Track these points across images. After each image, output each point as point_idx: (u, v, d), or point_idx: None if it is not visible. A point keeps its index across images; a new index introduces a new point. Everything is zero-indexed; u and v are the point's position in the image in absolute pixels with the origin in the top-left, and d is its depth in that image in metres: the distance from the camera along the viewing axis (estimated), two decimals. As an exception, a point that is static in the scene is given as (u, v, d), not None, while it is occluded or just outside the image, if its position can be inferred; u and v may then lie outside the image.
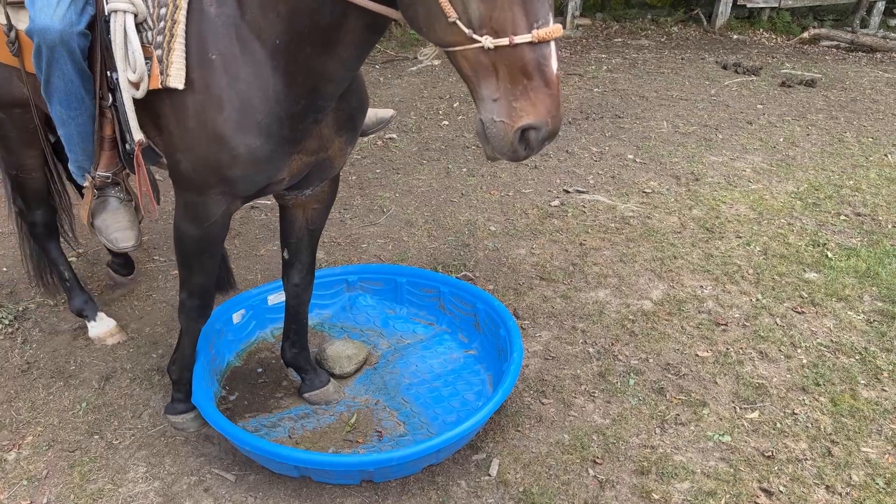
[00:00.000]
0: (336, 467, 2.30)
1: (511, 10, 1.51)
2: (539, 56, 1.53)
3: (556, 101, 1.57)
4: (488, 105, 1.59)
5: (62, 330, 3.21)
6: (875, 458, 2.53)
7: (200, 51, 1.91)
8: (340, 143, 2.22)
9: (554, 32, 1.53)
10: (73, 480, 2.42)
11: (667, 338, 3.19)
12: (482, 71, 1.58)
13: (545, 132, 1.57)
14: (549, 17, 1.54)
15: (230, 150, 1.98)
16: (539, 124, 1.56)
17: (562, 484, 2.42)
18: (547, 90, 1.55)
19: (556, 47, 1.56)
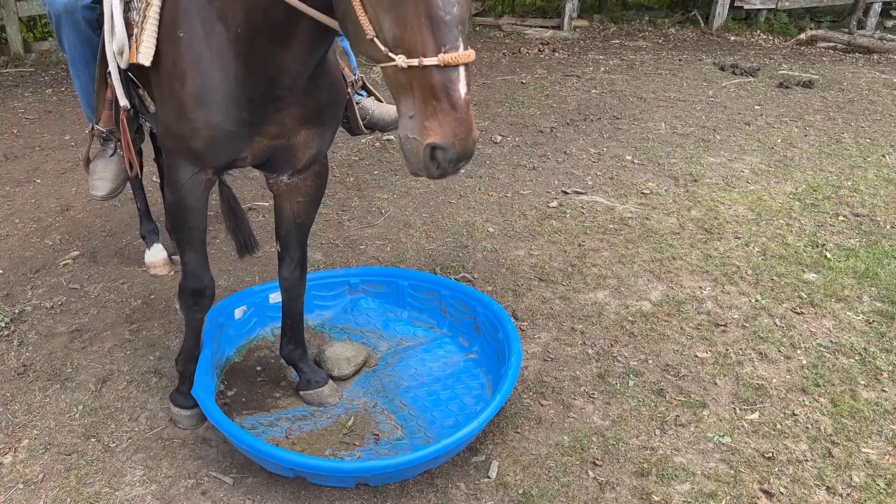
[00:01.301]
0: (333, 473, 2.29)
1: (420, 32, 1.57)
2: (446, 79, 1.58)
3: (465, 124, 1.60)
4: (405, 121, 1.66)
5: (59, 332, 3.19)
6: (876, 459, 2.52)
7: (171, 28, 2.08)
8: (306, 135, 2.28)
9: (462, 58, 1.58)
10: (70, 484, 2.40)
11: (666, 339, 3.18)
12: (400, 88, 1.65)
13: (452, 154, 1.62)
14: (459, 43, 1.58)
15: (190, 122, 2.12)
16: (445, 145, 1.61)
17: (561, 486, 2.41)
18: (454, 113, 1.59)
19: (466, 72, 1.60)
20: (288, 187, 2.48)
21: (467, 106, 1.61)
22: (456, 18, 1.58)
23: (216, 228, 4.11)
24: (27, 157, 5.12)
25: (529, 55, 8.46)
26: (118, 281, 3.59)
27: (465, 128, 1.61)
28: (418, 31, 1.57)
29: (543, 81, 7.27)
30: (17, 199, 4.48)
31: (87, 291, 3.50)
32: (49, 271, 3.67)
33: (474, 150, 1.67)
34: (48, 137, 5.50)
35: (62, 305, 3.37)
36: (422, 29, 1.57)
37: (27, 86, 6.81)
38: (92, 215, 4.27)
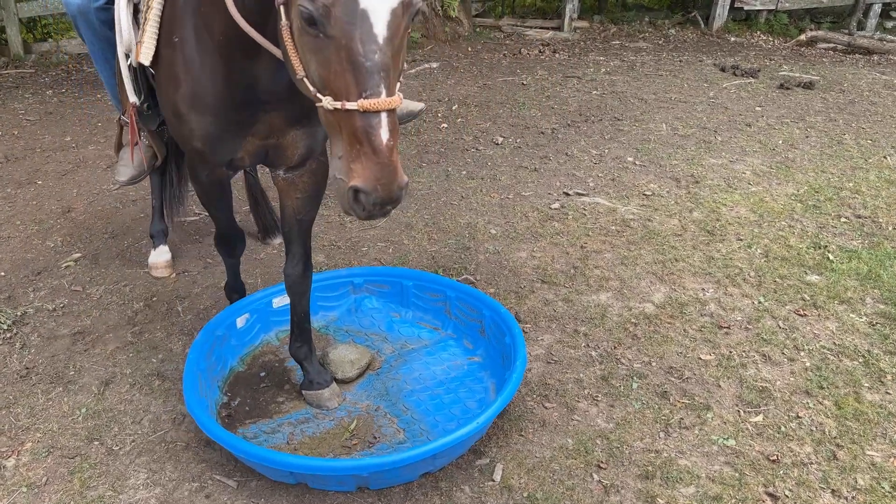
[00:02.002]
0: (325, 472, 2.28)
1: (343, 77, 1.61)
2: (367, 125, 1.61)
3: (387, 169, 1.63)
4: (335, 161, 1.70)
5: (61, 335, 3.19)
6: (880, 462, 2.52)
7: (169, 32, 2.19)
8: (295, 135, 2.35)
9: (381, 105, 1.60)
10: (73, 487, 2.40)
11: (669, 341, 3.17)
12: (330, 128, 1.70)
13: (375, 198, 1.64)
14: (381, 89, 1.60)
15: (186, 123, 2.26)
16: (367, 189, 1.63)
17: (566, 489, 2.41)
18: (374, 158, 1.62)
19: (390, 119, 1.62)
20: (286, 183, 2.54)
21: (390, 151, 1.63)
22: (377, 65, 1.59)
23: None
24: (28, 159, 5.12)
25: (530, 56, 8.46)
26: (120, 283, 3.59)
27: (387, 173, 1.63)
28: (341, 75, 1.61)
29: (544, 82, 7.26)
30: (18, 201, 4.47)
31: (89, 294, 3.49)
32: (51, 273, 3.66)
33: (401, 195, 1.68)
34: (49, 139, 5.50)
35: (64, 308, 3.37)
36: (344, 74, 1.60)
37: (27, 87, 6.80)
38: (93, 217, 4.27)
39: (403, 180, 1.68)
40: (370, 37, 1.58)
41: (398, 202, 1.69)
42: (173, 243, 3.97)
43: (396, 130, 1.66)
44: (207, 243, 3.98)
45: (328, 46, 1.60)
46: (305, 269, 2.66)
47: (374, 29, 1.58)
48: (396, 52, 1.65)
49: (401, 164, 1.69)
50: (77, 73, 7.35)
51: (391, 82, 1.63)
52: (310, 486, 2.38)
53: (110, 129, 5.74)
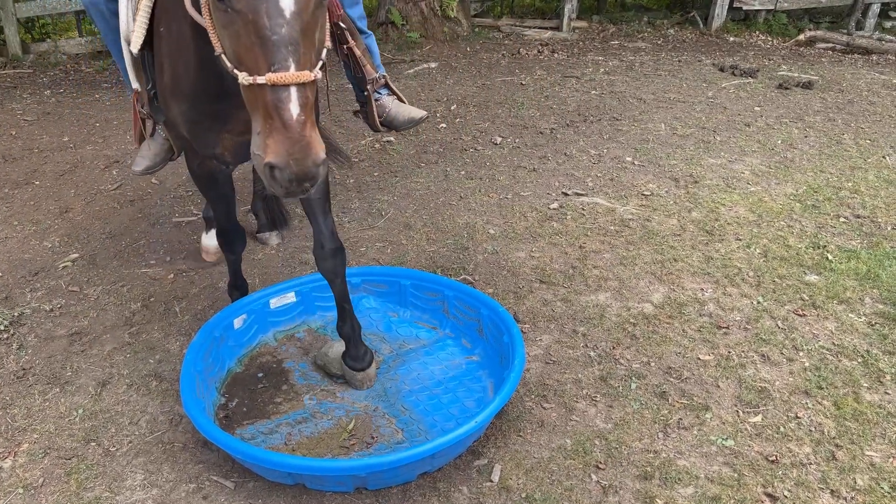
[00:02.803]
0: (323, 472, 2.27)
1: (253, 51, 1.63)
2: (276, 98, 1.61)
3: (299, 144, 1.62)
4: (255, 137, 1.71)
5: (58, 335, 3.18)
6: (880, 462, 2.52)
7: (157, 24, 2.28)
8: None
9: (289, 78, 1.60)
10: (70, 488, 2.39)
11: (668, 341, 3.17)
12: (250, 104, 1.70)
13: (288, 173, 1.64)
14: (289, 63, 1.61)
15: (171, 110, 2.38)
16: (279, 164, 1.63)
17: (564, 490, 2.40)
18: (285, 132, 1.62)
19: (301, 93, 1.63)
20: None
21: (301, 126, 1.63)
22: (284, 38, 1.60)
23: (216, 230, 4.10)
24: (26, 159, 5.11)
25: (529, 56, 8.45)
26: (118, 283, 3.58)
27: (299, 148, 1.62)
28: (250, 49, 1.63)
29: (543, 82, 7.26)
30: (15, 202, 4.46)
31: (86, 294, 3.49)
32: (48, 274, 3.65)
33: (318, 172, 1.68)
34: (47, 139, 5.49)
35: (61, 308, 3.36)
36: (253, 48, 1.62)
37: (25, 87, 6.79)
38: (91, 217, 4.26)
39: (319, 156, 1.67)
40: (276, 10, 1.59)
41: (315, 179, 1.68)
42: (171, 243, 3.97)
43: (309, 105, 1.66)
44: (205, 243, 3.97)
45: (237, 21, 1.62)
46: (332, 247, 2.64)
47: (280, 2, 1.60)
48: (307, 26, 1.66)
49: (318, 139, 1.68)
50: (75, 73, 7.34)
51: (301, 57, 1.64)
52: (308, 487, 2.37)
53: (108, 129, 5.73)
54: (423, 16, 8.84)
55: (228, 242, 2.97)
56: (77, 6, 7.78)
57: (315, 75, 1.69)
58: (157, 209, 4.37)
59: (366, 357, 2.80)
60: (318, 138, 1.69)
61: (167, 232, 4.10)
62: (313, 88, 1.71)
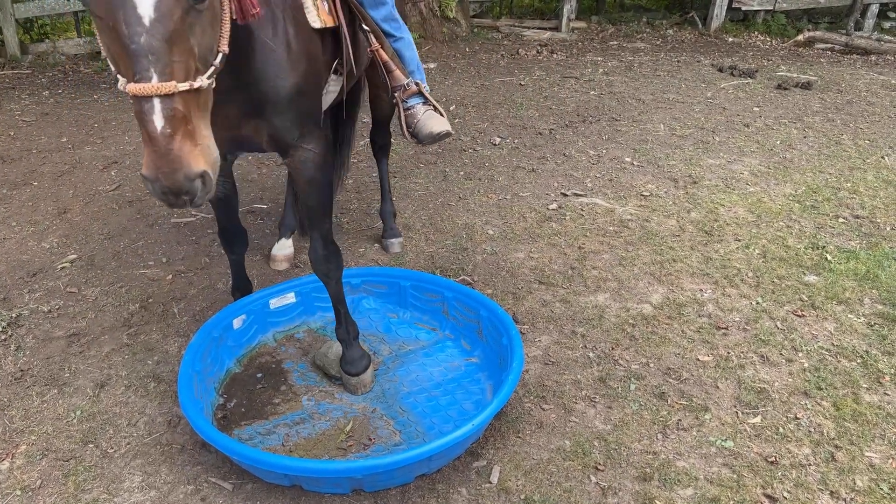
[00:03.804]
0: (320, 474, 2.26)
1: (120, 59, 1.59)
2: (140, 110, 1.58)
3: (165, 158, 1.57)
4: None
5: (56, 337, 3.17)
6: (879, 463, 2.51)
7: None
8: (255, 125, 2.36)
9: (149, 90, 1.55)
10: (68, 490, 2.38)
11: (667, 342, 3.16)
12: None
13: (158, 187, 1.61)
14: (149, 74, 1.55)
15: None
16: (148, 177, 1.61)
17: (563, 491, 2.39)
18: (151, 145, 1.58)
19: (163, 105, 1.57)
20: (288, 170, 2.62)
21: (166, 140, 1.57)
22: (142, 48, 1.54)
23: (215, 231, 4.09)
24: (24, 160, 5.10)
25: (528, 57, 8.45)
26: (116, 285, 3.57)
27: (165, 162, 1.58)
28: (118, 57, 1.59)
29: (542, 83, 7.26)
30: (13, 202, 4.45)
31: (84, 295, 3.48)
32: (46, 275, 3.65)
33: (193, 187, 1.63)
34: (45, 140, 5.48)
35: (59, 309, 3.35)
36: (119, 55, 1.58)
37: (24, 88, 6.78)
38: (90, 218, 4.25)
39: (192, 170, 1.61)
40: (133, 17, 1.53)
41: (192, 193, 1.63)
42: (169, 244, 3.96)
43: (177, 119, 1.59)
44: (204, 244, 3.97)
45: (104, 31, 1.58)
46: (325, 253, 2.64)
47: (138, 10, 1.53)
48: (174, 34, 1.58)
49: (194, 151, 1.62)
50: (74, 73, 7.33)
51: (165, 67, 1.57)
52: (305, 489, 2.36)
53: (107, 129, 5.72)
54: (422, 16, 8.84)
55: (227, 242, 2.96)
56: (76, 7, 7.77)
57: (187, 86, 1.60)
58: (156, 210, 4.36)
59: (361, 362, 2.78)
60: (191, 151, 1.62)
61: (166, 233, 4.09)
62: (187, 99, 1.62)
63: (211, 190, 1.69)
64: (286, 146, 2.46)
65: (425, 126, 2.97)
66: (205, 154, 1.66)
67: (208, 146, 1.70)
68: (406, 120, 3.02)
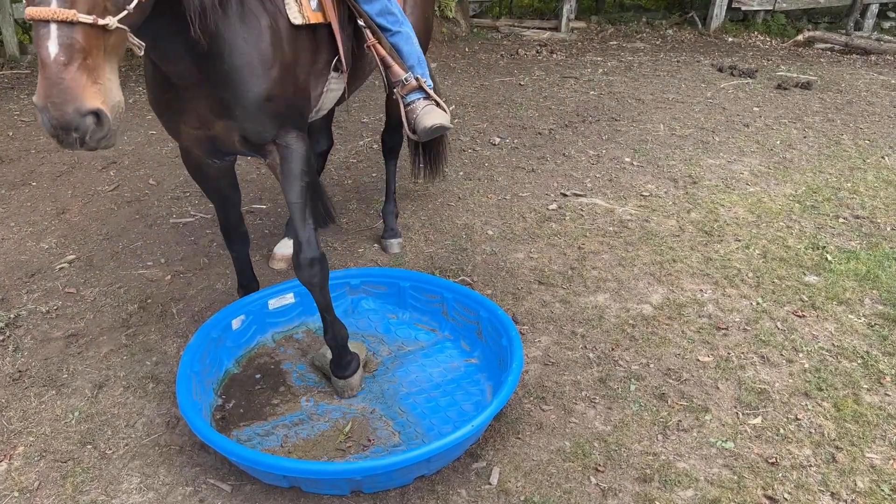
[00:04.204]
0: (318, 475, 2.25)
1: None
2: (36, 35, 1.53)
3: (56, 87, 1.50)
4: None
5: (54, 337, 3.16)
6: (880, 464, 2.50)
7: None
8: (224, 126, 2.34)
9: (42, 13, 1.50)
10: (66, 492, 2.37)
11: (667, 342, 3.16)
12: None
13: (47, 118, 1.53)
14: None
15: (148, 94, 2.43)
16: (38, 105, 1.55)
17: (563, 492, 2.38)
18: (43, 72, 1.51)
19: (60, 31, 1.50)
20: (270, 169, 2.60)
21: (60, 68, 1.50)
22: None
23: (213, 232, 4.08)
24: (22, 160, 5.09)
25: (527, 57, 8.45)
26: (115, 285, 3.56)
27: (58, 91, 1.50)
28: None
29: (541, 83, 7.25)
30: (12, 203, 4.44)
31: (83, 296, 3.47)
32: (45, 275, 3.64)
33: (83, 123, 1.55)
34: (43, 140, 5.47)
35: (58, 310, 3.34)
36: None
37: (23, 88, 6.77)
38: (88, 219, 4.24)
39: (84, 105, 1.53)
40: None
41: (82, 130, 1.56)
42: (168, 245, 3.95)
43: (74, 49, 1.52)
44: (203, 245, 3.96)
45: None
46: (307, 258, 2.50)
47: None
48: None
49: (90, 87, 1.55)
50: (73, 73, 7.32)
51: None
52: (303, 490, 2.35)
53: (106, 130, 5.71)
54: (421, 16, 8.81)
55: (228, 239, 2.97)
56: (74, 7, 7.75)
57: (90, 19, 1.53)
58: (155, 210, 4.35)
59: (350, 366, 2.75)
60: (86, 85, 1.54)
61: (164, 233, 4.08)
62: (89, 34, 1.54)
63: (108, 134, 1.61)
64: (259, 149, 2.42)
65: (422, 120, 2.89)
66: (103, 93, 1.58)
67: (110, 88, 1.62)
68: (406, 116, 2.94)
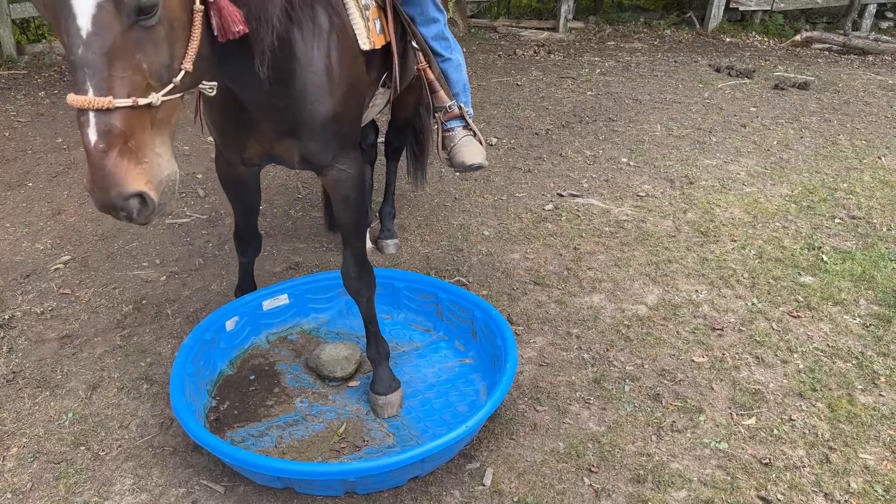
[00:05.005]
0: (309, 476, 2.25)
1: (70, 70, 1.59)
2: (78, 122, 1.56)
3: (99, 173, 1.54)
4: None
5: (49, 338, 3.16)
6: (873, 465, 2.50)
7: None
8: (288, 145, 2.38)
9: (81, 102, 1.51)
10: (59, 493, 2.37)
11: (662, 343, 3.15)
12: None
13: (94, 200, 1.58)
14: (86, 86, 1.52)
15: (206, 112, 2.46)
16: (87, 189, 1.59)
17: (557, 493, 2.38)
18: (88, 158, 1.55)
19: (99, 119, 1.53)
20: (324, 185, 2.66)
21: (101, 155, 1.53)
22: (80, 60, 1.51)
23: (209, 232, 4.08)
24: (19, 161, 5.08)
25: (525, 57, 8.44)
26: (109, 286, 3.56)
27: (101, 177, 1.54)
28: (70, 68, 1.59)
29: (539, 83, 7.24)
30: (8, 203, 4.44)
31: (77, 297, 3.46)
32: (40, 276, 3.63)
33: (128, 205, 1.58)
34: (40, 140, 5.46)
35: (52, 311, 3.34)
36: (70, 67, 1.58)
37: (20, 88, 6.76)
38: (84, 219, 4.24)
39: (126, 189, 1.56)
40: (73, 29, 1.51)
41: (128, 211, 1.59)
42: (163, 245, 3.95)
43: (112, 134, 1.54)
44: (198, 246, 3.95)
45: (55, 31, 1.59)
46: (358, 271, 2.64)
47: (77, 21, 1.50)
48: (115, 48, 1.53)
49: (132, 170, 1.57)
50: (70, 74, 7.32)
51: (101, 82, 1.52)
52: (297, 491, 2.35)
53: (102, 130, 5.70)
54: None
55: (241, 245, 2.94)
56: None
57: (129, 102, 1.55)
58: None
59: (391, 383, 2.72)
60: (127, 169, 1.56)
61: (160, 234, 4.08)
62: (130, 116, 1.56)
63: (153, 210, 1.63)
64: (319, 168, 2.46)
65: (460, 153, 2.95)
66: (147, 173, 1.60)
67: (158, 164, 1.64)
68: (443, 141, 3.00)
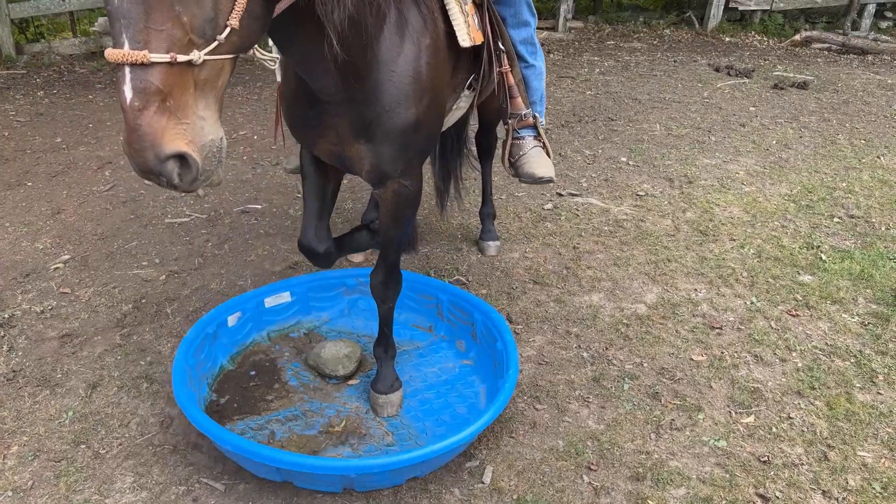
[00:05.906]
0: (311, 469, 2.25)
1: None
2: (115, 78, 1.46)
3: (134, 133, 1.41)
4: None
5: (49, 337, 3.16)
6: (871, 463, 2.51)
7: None
8: (359, 149, 2.25)
9: (116, 56, 1.39)
10: (59, 491, 2.38)
11: (661, 342, 3.16)
12: None
13: (132, 163, 1.46)
14: (122, 39, 1.40)
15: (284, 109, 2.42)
16: (124, 150, 1.46)
17: (556, 491, 2.39)
18: (124, 117, 1.43)
19: (134, 74, 1.40)
20: (377, 197, 2.52)
21: (135, 114, 1.40)
22: (116, 10, 1.40)
23: (209, 232, 4.08)
24: (18, 160, 5.09)
25: (524, 57, 8.44)
26: (109, 285, 3.56)
27: (136, 138, 1.41)
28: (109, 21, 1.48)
29: (538, 83, 7.25)
30: (7, 203, 4.44)
31: (77, 296, 3.47)
32: (39, 275, 3.64)
33: (164, 169, 1.45)
34: (39, 140, 5.47)
35: (52, 310, 3.34)
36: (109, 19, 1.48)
37: (19, 88, 6.76)
38: (83, 219, 4.24)
39: (164, 150, 1.43)
40: None
41: (165, 174, 1.46)
42: (163, 245, 3.95)
43: (149, 92, 1.40)
44: (198, 245, 3.96)
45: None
46: (386, 280, 2.62)
47: None
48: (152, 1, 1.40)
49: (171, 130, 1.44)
50: (69, 73, 7.31)
51: (137, 34, 1.40)
52: (296, 485, 2.36)
53: (101, 130, 5.71)
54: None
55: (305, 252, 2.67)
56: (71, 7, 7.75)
57: (167, 58, 1.41)
58: (150, 210, 4.36)
59: (394, 384, 2.72)
60: (166, 129, 1.43)
61: (159, 233, 4.08)
62: (169, 73, 1.42)
63: (197, 174, 1.50)
64: (384, 175, 2.32)
65: (529, 164, 2.87)
66: (189, 133, 1.47)
67: (201, 127, 1.50)
68: (511, 149, 2.91)
